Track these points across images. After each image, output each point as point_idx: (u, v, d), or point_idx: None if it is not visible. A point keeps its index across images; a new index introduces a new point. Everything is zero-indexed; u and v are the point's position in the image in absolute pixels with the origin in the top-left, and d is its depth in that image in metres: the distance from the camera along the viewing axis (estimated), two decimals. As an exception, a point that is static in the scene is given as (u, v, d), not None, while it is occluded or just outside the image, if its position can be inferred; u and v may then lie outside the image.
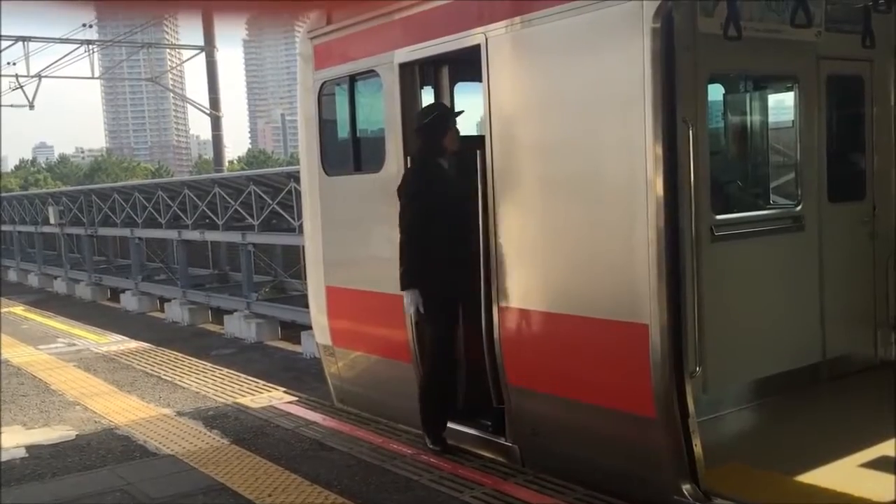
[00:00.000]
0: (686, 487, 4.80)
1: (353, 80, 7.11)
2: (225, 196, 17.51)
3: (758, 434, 6.02)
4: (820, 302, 6.86)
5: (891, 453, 5.27)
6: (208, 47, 30.87)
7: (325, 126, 7.57)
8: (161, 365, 10.14)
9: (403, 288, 6.06)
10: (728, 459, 5.27)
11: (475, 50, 5.76)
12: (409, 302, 6.06)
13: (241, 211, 17.10)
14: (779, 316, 6.54)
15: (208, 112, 31.59)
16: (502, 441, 6.03)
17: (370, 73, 6.89)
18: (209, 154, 37.93)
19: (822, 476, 4.98)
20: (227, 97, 34.51)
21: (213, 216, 18.19)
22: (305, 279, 9.03)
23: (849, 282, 7.08)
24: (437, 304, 6.07)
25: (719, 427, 5.99)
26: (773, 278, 6.53)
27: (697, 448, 4.80)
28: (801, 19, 5.95)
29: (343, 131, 7.49)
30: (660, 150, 4.68)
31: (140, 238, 22.14)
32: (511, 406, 5.86)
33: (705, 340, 5.70)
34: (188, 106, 33.47)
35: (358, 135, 7.27)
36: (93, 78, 33.27)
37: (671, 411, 4.78)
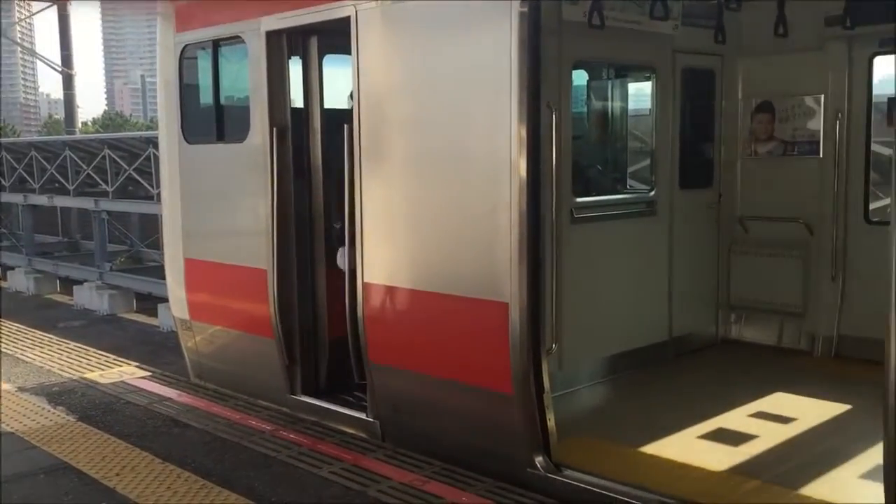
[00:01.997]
0: (539, 460, 4.97)
1: (216, 45, 6.86)
2: (77, 160, 16.59)
3: (608, 408, 6.31)
4: (668, 283, 7.24)
5: (727, 426, 5.66)
6: (61, 0, 29.01)
7: (187, 91, 7.28)
8: (2, 337, 9.53)
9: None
10: (580, 433, 5.50)
11: (345, 22, 5.68)
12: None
13: (95, 176, 16.27)
14: (631, 296, 6.86)
15: (59, 69, 29.76)
16: (363, 417, 6.04)
17: (235, 39, 6.67)
18: (60, 114, 35.73)
19: (665, 447, 5.29)
20: (81, 54, 32.65)
21: (63, 180, 17.21)
22: (163, 250, 8.70)
23: (695, 264, 7.51)
24: None
25: (573, 402, 6.24)
26: (627, 260, 6.84)
27: (551, 422, 4.98)
28: (660, 12, 6.21)
29: (205, 98, 7.22)
30: (524, 133, 4.77)
31: (-20, 201, 20.64)
32: (373, 382, 5.88)
33: (562, 319, 5.90)
34: (38, 62, 31.36)
35: (221, 102, 7.03)
36: (-72, 25, 30.62)
37: (528, 388, 4.92)
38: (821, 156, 7.18)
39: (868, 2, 6.43)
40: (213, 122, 7.00)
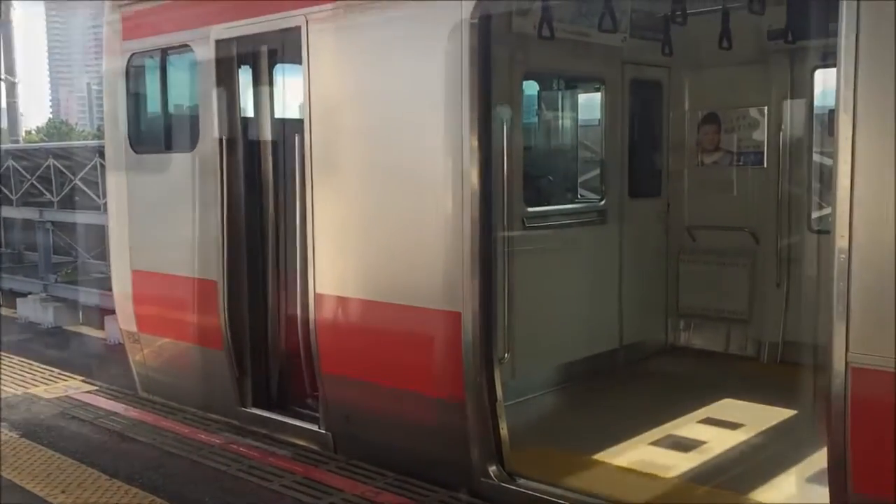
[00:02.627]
0: (492, 469, 4.98)
1: (165, 53, 6.77)
2: (20, 169, 16.24)
3: (560, 417, 6.34)
4: (619, 291, 7.33)
5: (677, 433, 5.74)
6: (4, 5, 28.37)
7: (134, 100, 7.17)
8: (-60, 352, 9.24)
9: None
10: (532, 441, 5.52)
11: (296, 32, 5.65)
12: None
13: (39, 186, 15.93)
14: (582, 304, 6.93)
15: (2, 77, 29.05)
16: (315, 428, 5.99)
17: (184, 48, 6.59)
18: (3, 123, 34.85)
19: (617, 455, 5.34)
20: (25, 62, 32.01)
21: (6, 190, 16.82)
22: (110, 261, 8.54)
23: (644, 272, 7.62)
24: None
25: (525, 410, 6.26)
26: (578, 268, 6.91)
27: (504, 431, 4.99)
28: (608, 25, 6.30)
29: (153, 107, 7.12)
30: (475, 143, 4.79)
31: (-83, 211, 20.03)
32: (325, 394, 5.83)
33: (514, 327, 5.93)
34: (-21, 69, 30.54)
35: (169, 111, 6.94)
36: None
37: (480, 397, 4.93)
38: (765, 166, 7.35)
39: (809, 17, 6.62)
40: (161, 131, 6.91)
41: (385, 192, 5.36)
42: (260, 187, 6.47)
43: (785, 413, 6.06)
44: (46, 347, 12.45)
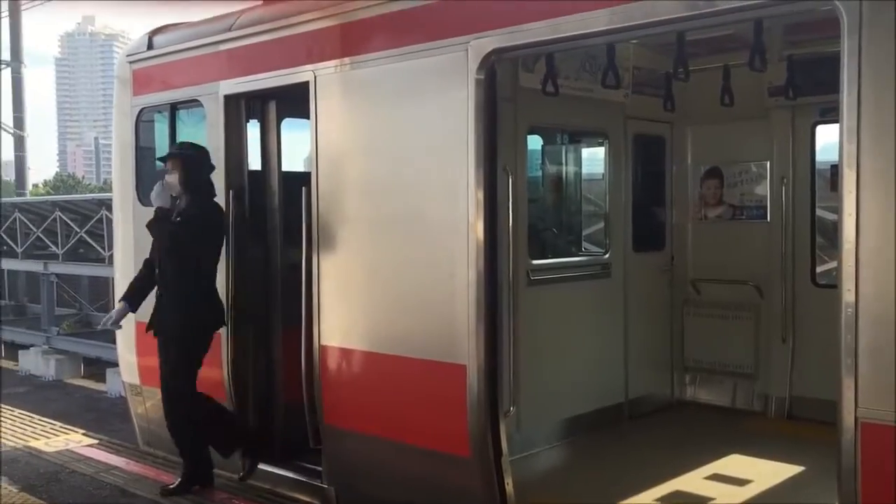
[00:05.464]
0: (498, 525, 4.90)
1: (174, 108, 6.88)
2: (26, 222, 16.34)
3: (565, 471, 6.26)
4: (624, 345, 7.30)
5: (683, 488, 5.65)
6: (15, 63, 28.91)
7: (143, 154, 7.26)
8: (-59, 405, 9.18)
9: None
10: (538, 496, 5.45)
11: (303, 86, 5.74)
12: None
13: (45, 238, 16.03)
14: (587, 357, 6.89)
15: (11, 131, 29.44)
16: (318, 483, 5.91)
17: (193, 103, 6.69)
18: (11, 176, 35.12)
19: (623, 511, 5.26)
20: (34, 116, 32.41)
21: (11, 242, 16.90)
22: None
23: (649, 326, 7.59)
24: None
25: (531, 465, 6.19)
26: (583, 321, 6.89)
27: (509, 487, 4.92)
28: (611, 81, 6.40)
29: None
30: (481, 196, 4.82)
31: (-77, 264, 20.09)
32: (329, 447, 5.78)
33: (520, 381, 5.90)
34: (-12, 123, 30.90)
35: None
36: None
37: (485, 451, 4.87)
38: (768, 220, 7.38)
39: (809, 74, 6.72)
40: (168, 184, 6.96)
41: (390, 245, 5.39)
42: (266, 238, 6.51)
43: (794, 469, 5.98)
44: (48, 400, 12.37)
